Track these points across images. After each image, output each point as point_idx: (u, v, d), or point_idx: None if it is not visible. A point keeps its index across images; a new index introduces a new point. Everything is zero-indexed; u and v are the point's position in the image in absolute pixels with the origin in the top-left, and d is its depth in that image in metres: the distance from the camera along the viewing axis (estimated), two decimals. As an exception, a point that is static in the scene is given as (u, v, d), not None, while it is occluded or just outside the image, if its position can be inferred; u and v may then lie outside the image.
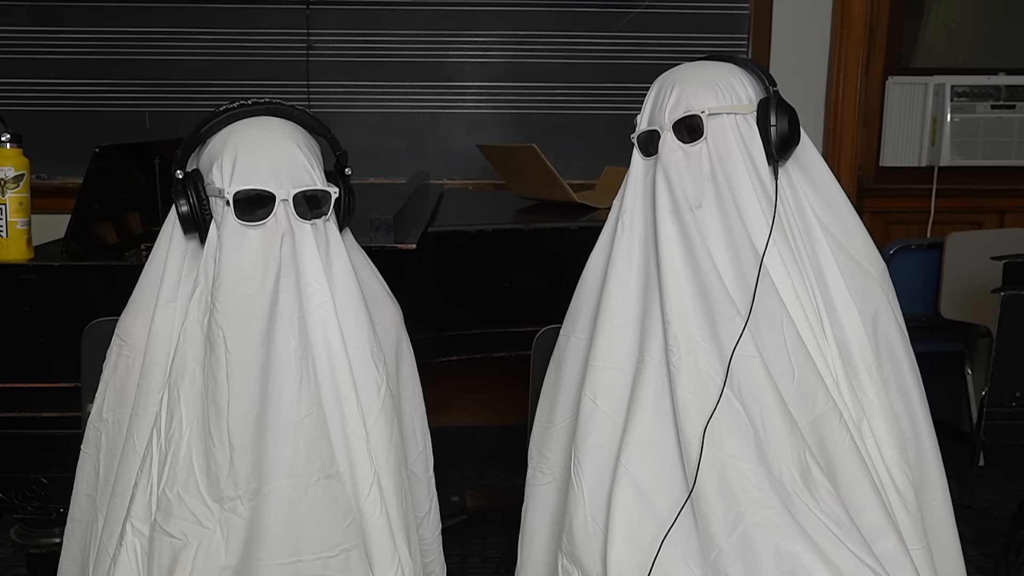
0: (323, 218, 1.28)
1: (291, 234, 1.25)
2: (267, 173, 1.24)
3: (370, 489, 1.28)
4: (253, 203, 1.24)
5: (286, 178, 1.25)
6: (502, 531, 2.77)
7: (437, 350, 2.07)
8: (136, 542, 1.25)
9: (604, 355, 1.35)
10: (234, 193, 1.23)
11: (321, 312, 1.26)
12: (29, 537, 1.92)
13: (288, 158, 1.26)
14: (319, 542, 1.25)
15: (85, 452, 1.37)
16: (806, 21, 3.55)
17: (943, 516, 1.40)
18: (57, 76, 3.35)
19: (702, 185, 1.33)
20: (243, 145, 1.26)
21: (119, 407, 1.32)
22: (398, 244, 1.86)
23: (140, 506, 1.25)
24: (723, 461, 1.24)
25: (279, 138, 1.27)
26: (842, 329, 1.35)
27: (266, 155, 1.25)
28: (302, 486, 1.24)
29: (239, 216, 1.24)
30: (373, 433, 1.29)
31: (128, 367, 1.32)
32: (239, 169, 1.24)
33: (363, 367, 1.29)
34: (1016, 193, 3.61)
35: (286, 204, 1.24)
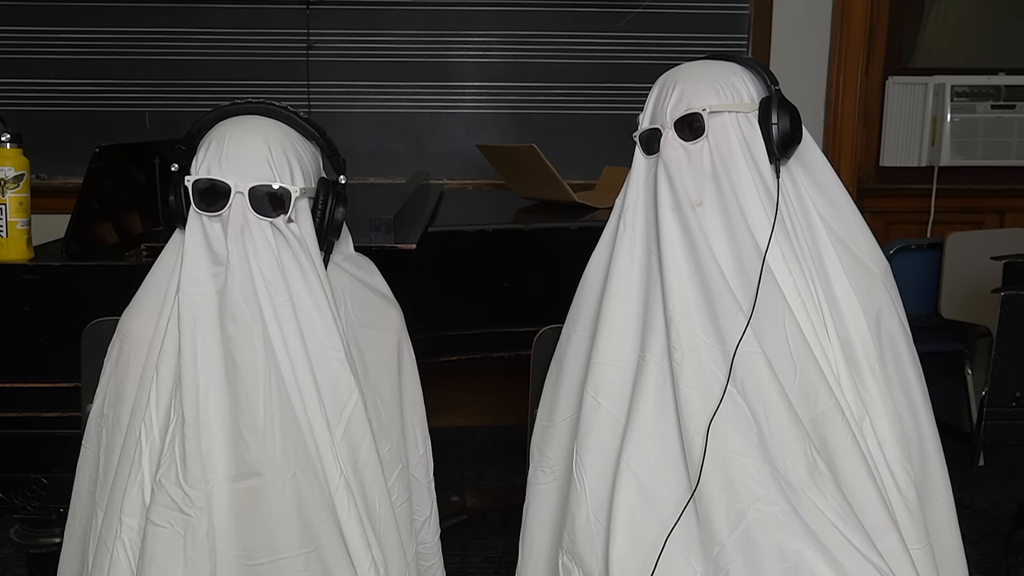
0: (283, 217, 1.27)
1: (247, 228, 1.25)
2: (228, 165, 1.26)
3: (337, 491, 1.27)
4: (210, 193, 1.26)
5: (246, 172, 1.26)
6: (502, 531, 2.77)
7: (437, 350, 2.07)
8: (126, 537, 1.25)
9: (606, 352, 1.35)
10: (193, 182, 1.26)
11: (279, 311, 1.26)
12: (29, 537, 1.92)
13: (252, 152, 1.27)
14: (302, 535, 1.25)
15: (86, 448, 1.37)
16: (806, 21, 3.55)
17: (946, 516, 1.40)
18: (57, 76, 3.35)
19: (703, 183, 1.33)
20: (216, 139, 1.28)
21: (119, 403, 1.33)
22: (398, 244, 1.86)
23: (131, 500, 1.25)
24: (726, 457, 1.24)
25: (251, 134, 1.28)
26: (845, 327, 1.35)
27: (231, 148, 1.27)
28: (276, 483, 1.24)
29: (198, 205, 1.26)
30: (339, 439, 1.28)
31: (128, 364, 1.33)
32: (205, 160, 1.27)
33: (328, 371, 1.28)
34: (1016, 193, 3.61)
35: (242, 197, 1.25)
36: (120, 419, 1.32)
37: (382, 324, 1.40)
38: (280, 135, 1.30)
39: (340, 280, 1.37)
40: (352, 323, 1.36)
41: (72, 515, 1.38)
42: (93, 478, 1.35)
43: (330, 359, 1.28)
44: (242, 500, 1.24)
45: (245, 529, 1.24)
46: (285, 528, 1.25)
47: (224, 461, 1.24)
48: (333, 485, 1.27)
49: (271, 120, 1.31)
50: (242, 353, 1.24)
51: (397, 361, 1.41)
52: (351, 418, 1.29)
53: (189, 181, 1.26)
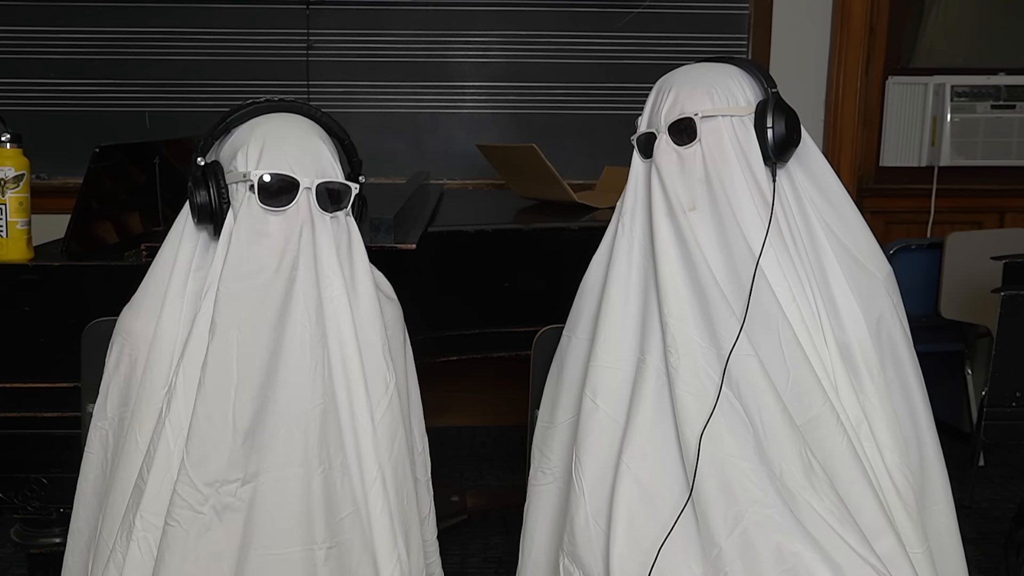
0: (343, 212, 1.31)
1: (311, 224, 1.28)
2: (293, 161, 1.27)
3: (373, 484, 1.28)
4: (277, 189, 1.26)
5: (311, 168, 1.28)
6: (502, 531, 2.77)
7: (437, 350, 2.07)
8: (148, 536, 1.25)
9: (604, 355, 1.35)
10: (260, 176, 1.26)
11: (334, 304, 1.28)
12: (29, 537, 1.92)
13: (314, 150, 1.29)
14: (324, 531, 1.26)
15: (89, 452, 1.36)
16: (806, 21, 3.55)
17: (946, 520, 1.40)
18: (57, 76, 3.35)
19: (696, 188, 1.33)
20: (270, 134, 1.29)
21: (122, 405, 1.33)
22: (398, 244, 1.86)
23: (151, 499, 1.25)
24: (723, 460, 1.25)
25: (305, 131, 1.31)
26: (844, 332, 1.35)
27: (292, 145, 1.28)
28: (310, 475, 1.25)
29: (262, 200, 1.26)
30: (379, 429, 1.30)
31: (131, 365, 1.33)
32: (266, 155, 1.27)
33: (374, 362, 1.31)
34: (1016, 193, 3.61)
35: (309, 193, 1.27)
36: (123, 421, 1.32)
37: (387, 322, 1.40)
38: (325, 135, 1.34)
39: None
40: None
41: (77, 518, 1.38)
42: (99, 481, 1.35)
43: (375, 352, 1.31)
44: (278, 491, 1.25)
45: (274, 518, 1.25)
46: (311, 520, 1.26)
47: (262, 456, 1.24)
48: (369, 479, 1.29)
49: (309, 120, 1.34)
50: (294, 349, 1.25)
51: (404, 359, 1.43)
52: (387, 410, 1.31)
53: (254, 175, 1.26)
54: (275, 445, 1.25)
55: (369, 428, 1.29)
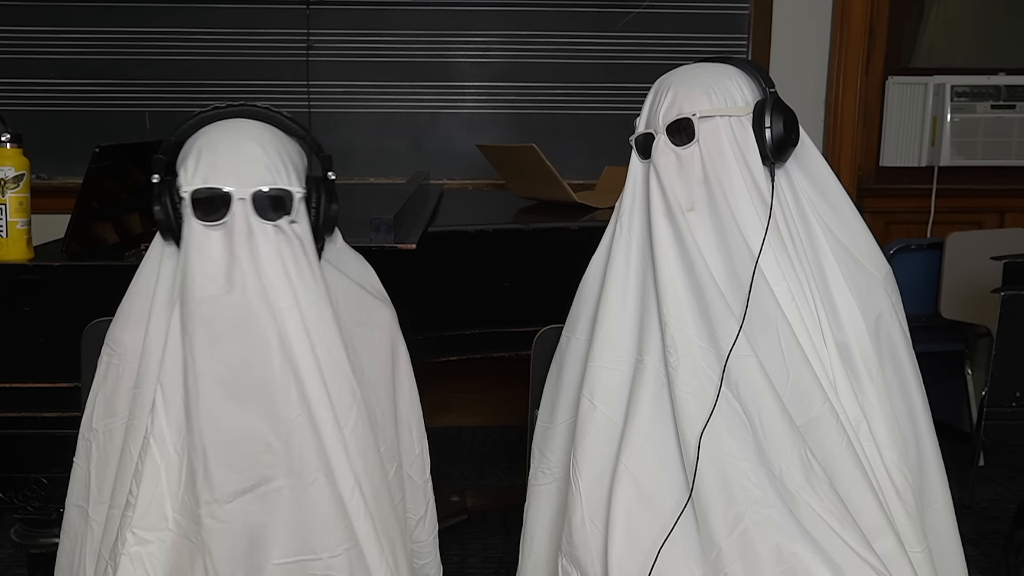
0: (286, 219, 1.26)
1: (251, 234, 1.24)
2: (225, 172, 1.23)
3: (352, 494, 1.27)
4: (210, 202, 1.23)
5: (246, 177, 1.23)
6: (502, 531, 2.77)
7: (437, 350, 2.07)
8: (141, 551, 1.24)
9: (602, 356, 1.35)
10: (191, 192, 1.23)
11: (284, 316, 1.24)
12: (29, 537, 1.92)
13: (248, 157, 1.25)
14: (322, 540, 1.25)
15: (76, 463, 1.35)
16: (806, 21, 3.55)
17: (945, 519, 1.40)
18: (57, 76, 3.35)
19: (694, 188, 1.33)
20: (206, 146, 1.25)
21: (109, 417, 1.31)
22: (398, 244, 1.86)
23: (142, 514, 1.24)
24: (723, 460, 1.25)
25: (242, 137, 1.26)
26: (843, 332, 1.35)
27: (225, 154, 1.24)
28: (301, 484, 1.24)
29: (198, 216, 1.23)
30: (350, 440, 1.27)
31: (119, 376, 1.31)
32: (200, 169, 1.24)
33: (336, 372, 1.27)
34: (1016, 193, 3.61)
35: (244, 203, 1.23)
36: (112, 433, 1.31)
37: (375, 322, 1.38)
38: (270, 136, 1.28)
39: (332, 279, 1.36)
40: (345, 322, 1.34)
41: (63, 531, 1.36)
42: (83, 493, 1.34)
43: (333, 362, 1.27)
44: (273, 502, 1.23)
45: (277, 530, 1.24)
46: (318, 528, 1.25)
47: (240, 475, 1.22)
48: (347, 489, 1.26)
49: (256, 122, 1.30)
50: (258, 360, 1.23)
51: (391, 359, 1.40)
52: (357, 420, 1.29)
53: (186, 192, 1.23)
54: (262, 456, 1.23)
55: (338, 439, 1.26)
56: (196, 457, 1.22)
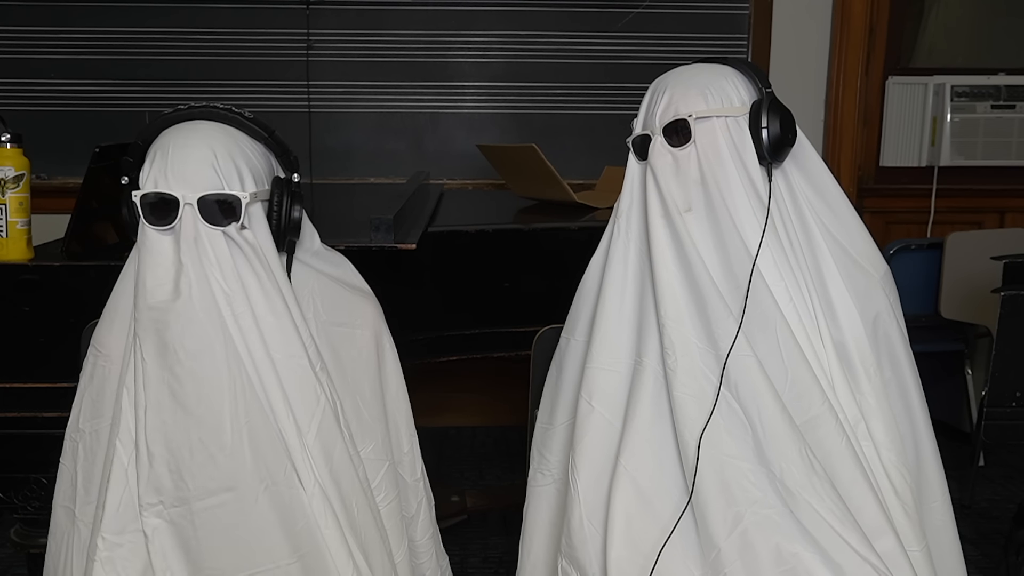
0: (235, 225, 1.24)
1: (199, 240, 1.23)
2: (173, 177, 1.23)
3: (313, 498, 1.26)
4: (159, 207, 1.23)
5: (193, 182, 1.23)
6: (502, 531, 2.77)
7: (437, 350, 2.06)
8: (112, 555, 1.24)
9: (600, 357, 1.35)
10: (141, 196, 1.23)
11: (240, 322, 1.23)
12: (29, 537, 1.92)
13: (197, 160, 1.23)
14: (269, 552, 1.24)
15: (63, 464, 1.35)
16: (806, 21, 3.55)
17: (943, 518, 1.41)
18: (57, 76, 3.35)
19: (691, 189, 1.33)
20: (160, 149, 1.25)
21: (96, 418, 1.31)
22: (398, 244, 1.86)
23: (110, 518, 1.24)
24: (722, 461, 1.24)
25: (195, 141, 1.25)
26: (841, 331, 1.35)
27: (176, 158, 1.24)
28: (254, 494, 1.23)
29: (148, 220, 1.23)
30: (313, 445, 1.26)
31: (104, 378, 1.31)
32: (151, 173, 1.24)
33: (296, 376, 1.26)
34: (1016, 193, 3.61)
35: (192, 208, 1.22)
36: (98, 434, 1.30)
37: (356, 320, 1.37)
38: (226, 139, 1.27)
39: (308, 279, 1.35)
40: (324, 323, 1.34)
41: (51, 533, 1.36)
42: (70, 494, 1.33)
43: (294, 366, 1.26)
44: (216, 517, 1.22)
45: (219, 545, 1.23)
46: (266, 540, 1.24)
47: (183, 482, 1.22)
48: (308, 493, 1.25)
49: (216, 124, 1.28)
50: (204, 368, 1.22)
51: (377, 356, 1.39)
52: (321, 424, 1.27)
53: (137, 196, 1.23)
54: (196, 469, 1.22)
55: (298, 446, 1.25)
56: (141, 462, 1.22)
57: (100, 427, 1.30)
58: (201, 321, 1.22)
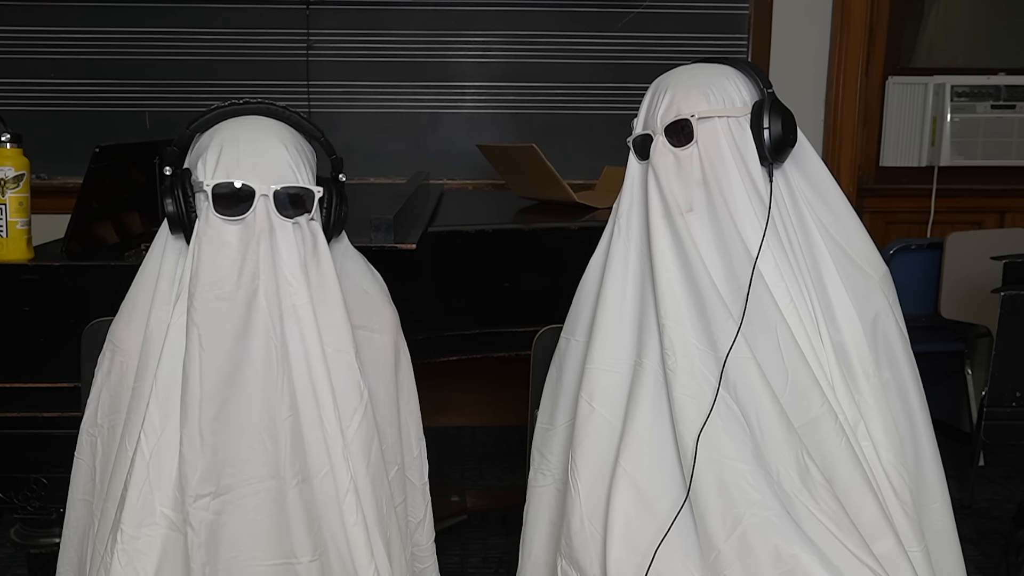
0: (305, 217, 1.27)
1: (271, 232, 1.24)
2: (248, 168, 1.24)
3: (346, 495, 1.26)
4: (232, 198, 1.23)
5: (268, 174, 1.24)
6: (502, 531, 2.77)
7: (437, 350, 2.07)
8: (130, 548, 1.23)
9: (600, 358, 1.35)
10: (213, 186, 1.23)
11: (298, 313, 1.25)
12: (29, 537, 1.92)
13: (271, 154, 1.25)
14: (307, 543, 1.25)
15: (79, 459, 1.36)
16: (806, 21, 3.55)
17: (943, 518, 1.40)
18: (57, 76, 3.35)
19: (693, 189, 1.33)
20: (228, 141, 1.26)
21: (114, 412, 1.32)
22: (398, 244, 1.86)
23: (131, 510, 1.24)
24: (721, 463, 1.24)
25: (264, 135, 1.27)
26: (840, 333, 1.35)
27: (248, 151, 1.25)
28: (283, 488, 1.24)
29: (218, 210, 1.23)
30: (353, 441, 1.28)
31: (122, 373, 1.31)
32: (221, 163, 1.24)
33: (344, 372, 1.28)
34: (1016, 193, 3.61)
35: (266, 200, 1.24)
36: (115, 428, 1.31)
37: (377, 325, 1.38)
38: (291, 136, 1.29)
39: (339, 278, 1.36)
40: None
41: (68, 524, 1.37)
42: (88, 488, 1.34)
43: (341, 361, 1.28)
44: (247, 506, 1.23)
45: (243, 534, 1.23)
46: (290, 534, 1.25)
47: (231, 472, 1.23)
48: (342, 490, 1.26)
49: (275, 121, 1.30)
50: (258, 361, 1.23)
51: (394, 362, 1.41)
52: (362, 419, 1.29)
53: (208, 185, 1.23)
54: (243, 459, 1.23)
55: (339, 439, 1.26)
56: (189, 450, 1.22)
57: (118, 422, 1.31)
58: (263, 311, 1.23)
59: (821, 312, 1.35)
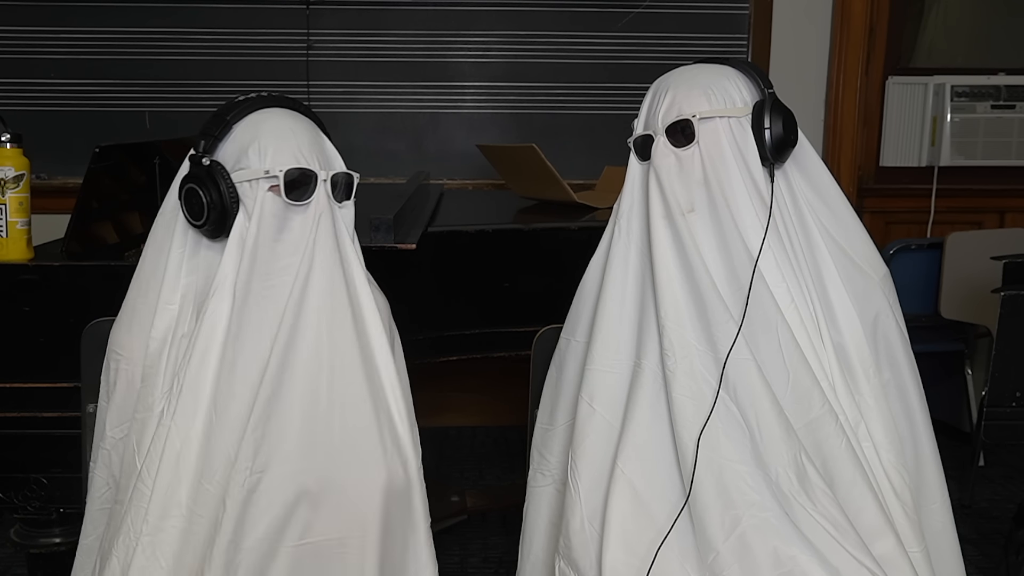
0: (350, 201, 1.33)
1: (330, 214, 1.29)
2: (308, 154, 1.28)
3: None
4: (300, 183, 1.27)
5: (323, 161, 1.30)
6: (502, 531, 2.77)
7: (437, 350, 2.07)
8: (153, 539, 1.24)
9: (601, 359, 1.35)
10: (286, 171, 1.26)
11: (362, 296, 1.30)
12: (29, 537, 1.92)
13: (320, 143, 1.31)
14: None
15: (97, 473, 1.36)
16: (806, 21, 3.55)
17: (942, 519, 1.40)
18: (57, 76, 3.35)
19: (694, 190, 1.33)
20: (280, 129, 1.29)
21: (124, 421, 1.32)
22: (398, 244, 1.86)
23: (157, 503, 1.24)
24: (720, 464, 1.24)
25: (306, 125, 1.32)
26: (840, 333, 1.35)
27: (302, 138, 1.29)
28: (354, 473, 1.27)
29: (289, 196, 1.26)
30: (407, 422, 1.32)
31: (128, 381, 1.31)
32: (285, 150, 1.27)
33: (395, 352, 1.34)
34: (1016, 193, 3.61)
35: (326, 185, 1.28)
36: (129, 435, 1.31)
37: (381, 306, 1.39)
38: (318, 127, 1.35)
39: None
40: None
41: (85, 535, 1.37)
42: (108, 497, 1.34)
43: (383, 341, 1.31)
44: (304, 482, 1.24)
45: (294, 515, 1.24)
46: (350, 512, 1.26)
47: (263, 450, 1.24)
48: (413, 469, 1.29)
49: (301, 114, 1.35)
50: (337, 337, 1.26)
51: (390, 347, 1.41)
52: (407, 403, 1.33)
53: (278, 170, 1.25)
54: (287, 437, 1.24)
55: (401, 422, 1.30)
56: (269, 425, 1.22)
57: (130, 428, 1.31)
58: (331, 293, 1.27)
59: (822, 312, 1.34)
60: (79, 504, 1.41)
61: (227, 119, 1.30)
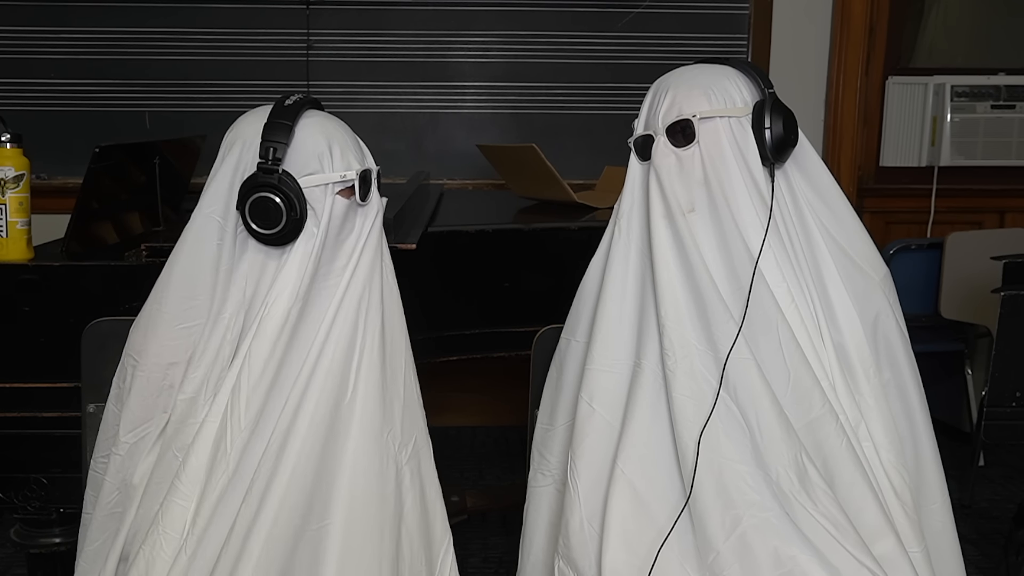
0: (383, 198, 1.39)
1: (380, 209, 1.35)
2: (363, 153, 1.34)
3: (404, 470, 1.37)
4: (369, 181, 1.32)
5: (370, 159, 1.35)
6: (502, 531, 2.77)
7: (437, 350, 2.07)
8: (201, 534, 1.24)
9: (601, 359, 1.35)
10: (362, 171, 1.30)
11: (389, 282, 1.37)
12: (29, 537, 1.92)
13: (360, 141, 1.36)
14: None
15: (107, 480, 1.35)
16: (806, 21, 3.55)
17: (942, 519, 1.40)
18: (57, 76, 3.35)
19: (694, 190, 1.33)
20: (336, 131, 1.32)
21: (144, 423, 1.31)
22: (398, 244, 1.85)
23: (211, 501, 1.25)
24: (720, 464, 1.24)
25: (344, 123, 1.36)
26: (840, 333, 1.35)
27: (351, 138, 1.34)
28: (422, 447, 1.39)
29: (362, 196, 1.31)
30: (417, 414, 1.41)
31: (145, 385, 1.30)
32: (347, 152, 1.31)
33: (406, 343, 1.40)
34: (1016, 193, 3.61)
35: (375, 183, 1.35)
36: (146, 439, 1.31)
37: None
38: None
39: None
40: None
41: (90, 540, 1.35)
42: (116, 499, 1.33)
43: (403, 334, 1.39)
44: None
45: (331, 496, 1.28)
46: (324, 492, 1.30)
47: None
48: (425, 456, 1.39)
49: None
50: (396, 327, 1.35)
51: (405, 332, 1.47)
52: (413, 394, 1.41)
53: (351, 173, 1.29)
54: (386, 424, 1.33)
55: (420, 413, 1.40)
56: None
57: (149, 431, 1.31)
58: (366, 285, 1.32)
59: (822, 312, 1.34)
60: (79, 504, 1.41)
61: (290, 126, 1.27)
